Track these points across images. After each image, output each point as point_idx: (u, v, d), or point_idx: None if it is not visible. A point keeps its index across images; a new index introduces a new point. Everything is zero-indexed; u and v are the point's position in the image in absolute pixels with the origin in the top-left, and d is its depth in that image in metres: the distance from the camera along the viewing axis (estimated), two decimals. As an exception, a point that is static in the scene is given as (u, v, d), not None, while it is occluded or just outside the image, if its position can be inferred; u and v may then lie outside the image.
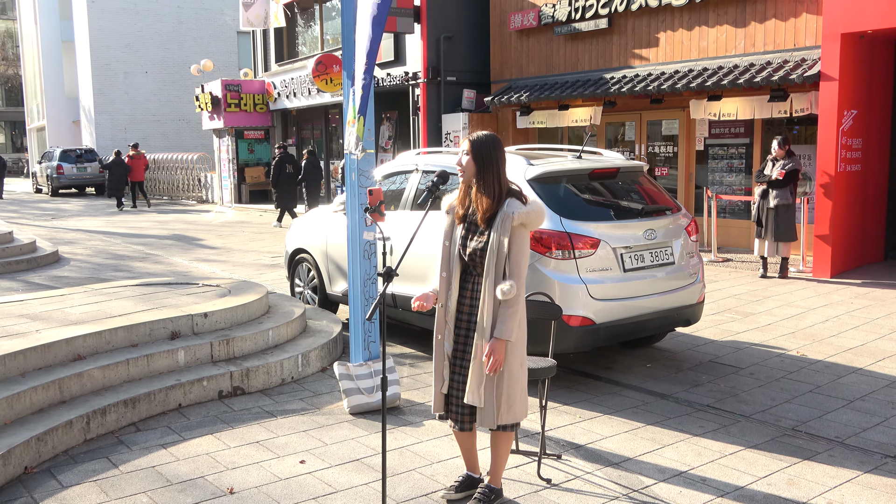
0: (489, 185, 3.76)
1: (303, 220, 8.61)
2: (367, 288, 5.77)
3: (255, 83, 24.90)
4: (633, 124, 14.91)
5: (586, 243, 5.79)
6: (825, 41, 10.67)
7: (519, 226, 3.71)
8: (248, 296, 7.00)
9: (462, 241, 3.83)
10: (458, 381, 3.86)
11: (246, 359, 6.23)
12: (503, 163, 3.80)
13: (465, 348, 3.83)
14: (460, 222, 3.87)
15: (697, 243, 6.67)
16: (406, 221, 6.75)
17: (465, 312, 3.85)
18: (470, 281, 3.85)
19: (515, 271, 3.72)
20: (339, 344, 7.13)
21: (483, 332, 3.74)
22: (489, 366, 3.71)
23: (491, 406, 3.78)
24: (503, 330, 3.71)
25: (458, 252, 3.84)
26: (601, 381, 6.30)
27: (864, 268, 11.40)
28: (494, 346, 3.71)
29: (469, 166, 3.79)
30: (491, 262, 3.70)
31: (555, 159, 6.53)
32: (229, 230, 18.21)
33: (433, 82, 17.10)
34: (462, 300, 3.86)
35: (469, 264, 3.83)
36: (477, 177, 3.78)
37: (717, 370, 6.53)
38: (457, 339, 3.86)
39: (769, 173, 10.49)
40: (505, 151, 3.89)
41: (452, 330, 3.87)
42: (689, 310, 6.43)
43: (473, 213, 3.84)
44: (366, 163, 5.70)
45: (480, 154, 3.77)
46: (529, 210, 3.73)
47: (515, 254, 3.72)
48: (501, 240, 3.69)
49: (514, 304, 3.72)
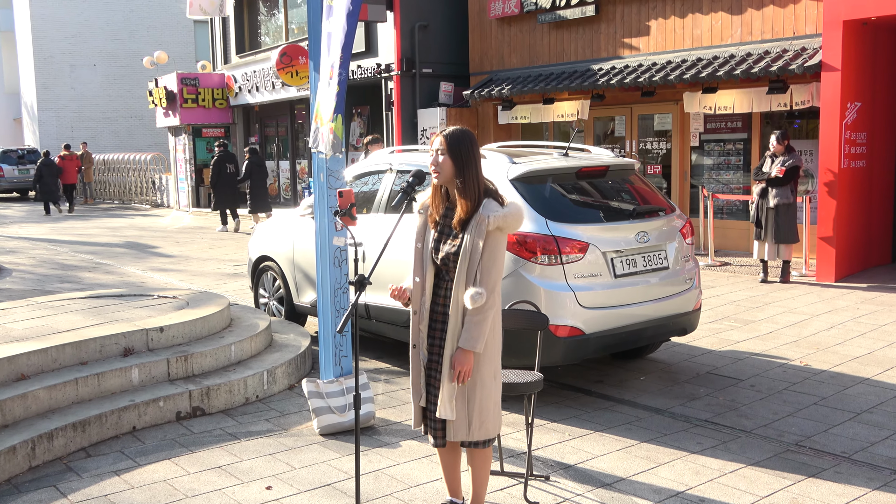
0: (470, 185, 3.75)
1: (267, 225, 8.58)
2: (337, 298, 5.76)
3: (213, 77, 24.79)
4: (623, 119, 15.01)
5: (574, 247, 5.82)
6: (826, 29, 10.81)
7: (495, 230, 3.71)
8: (208, 308, 6.96)
9: (435, 244, 3.84)
10: (433, 393, 3.87)
11: (206, 376, 6.19)
12: (479, 160, 3.82)
13: (440, 359, 3.84)
14: (434, 225, 3.87)
15: (693, 246, 6.72)
16: (379, 225, 6.75)
17: (439, 321, 3.86)
18: (443, 286, 3.85)
19: (485, 278, 3.71)
20: (308, 359, 7.11)
21: (454, 341, 3.75)
22: (454, 377, 3.73)
23: (463, 420, 3.80)
24: (467, 339, 3.71)
25: (430, 256, 3.85)
26: (592, 395, 6.33)
27: (871, 271, 11.54)
28: (459, 356, 3.72)
29: (446, 166, 3.77)
30: (463, 267, 3.71)
31: (539, 157, 6.55)
32: (187, 237, 18.09)
33: (407, 75, 17.12)
34: (435, 307, 3.87)
35: (442, 269, 3.84)
36: (455, 177, 3.77)
37: (715, 382, 6.58)
38: (431, 348, 3.87)
39: (768, 170, 10.58)
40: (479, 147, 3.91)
41: (426, 339, 3.87)
42: (684, 318, 6.48)
43: (447, 217, 3.84)
44: (335, 162, 5.69)
45: (458, 152, 3.76)
46: (507, 213, 3.72)
47: (487, 259, 3.72)
48: (476, 244, 3.70)
49: (482, 313, 3.72)
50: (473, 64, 16.96)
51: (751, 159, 13.10)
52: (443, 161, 3.78)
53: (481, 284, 3.71)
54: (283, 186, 24.41)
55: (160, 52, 26.45)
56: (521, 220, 3.77)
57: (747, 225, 12.86)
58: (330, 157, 5.57)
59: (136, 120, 37.51)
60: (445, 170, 3.77)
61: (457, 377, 3.73)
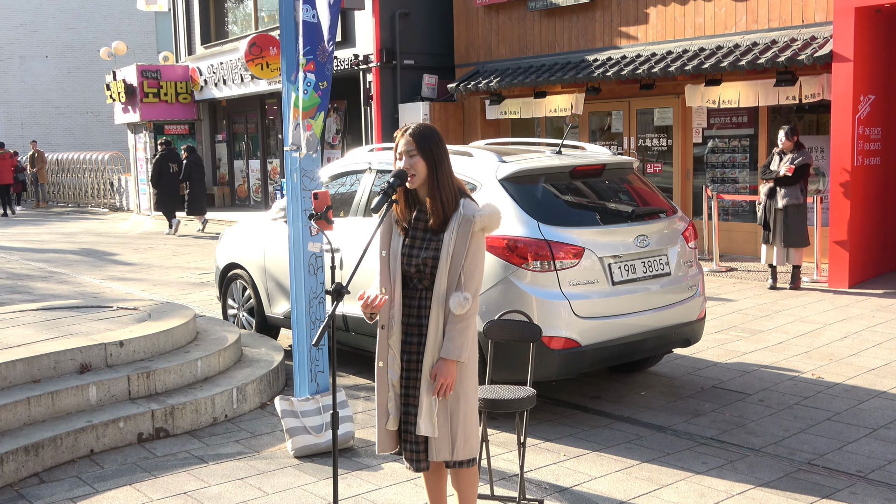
0: (445, 186, 3.78)
1: (236, 230, 8.56)
2: (313, 309, 5.76)
3: (177, 69, 24.72)
4: (620, 114, 15.07)
5: (568, 252, 5.84)
6: (837, 16, 10.90)
7: (479, 231, 3.76)
8: (172, 320, 6.94)
9: (406, 250, 3.84)
10: (412, 413, 3.86)
11: (170, 395, 6.17)
12: (449, 158, 3.88)
13: (418, 375, 3.84)
14: (403, 232, 3.88)
15: (696, 250, 6.75)
16: (358, 230, 6.75)
17: (415, 333, 3.85)
18: (416, 297, 3.85)
19: (469, 282, 3.74)
20: (282, 375, 7.10)
21: (434, 351, 3.76)
22: (437, 389, 3.73)
23: (446, 437, 3.80)
24: (451, 349, 3.73)
25: (399, 264, 3.85)
26: (588, 412, 6.35)
27: (887, 276, 11.63)
28: (441, 367, 3.73)
29: (419, 167, 3.79)
30: (445, 271, 3.73)
31: (531, 155, 6.57)
32: (148, 243, 18.03)
33: (388, 67, 17.14)
34: (409, 319, 3.87)
35: (414, 277, 3.84)
36: (429, 180, 3.80)
37: (721, 397, 6.61)
38: (408, 363, 3.86)
39: (776, 169, 10.64)
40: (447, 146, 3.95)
41: (398, 355, 3.87)
42: (688, 328, 6.50)
43: (418, 220, 3.85)
44: (310, 162, 5.69)
45: (430, 151, 3.79)
46: (491, 212, 3.78)
47: (471, 262, 3.75)
48: (461, 245, 3.72)
49: (465, 320, 3.75)
50: (459, 55, 16.99)
51: (758, 157, 13.19)
52: (416, 163, 3.79)
53: (465, 289, 3.73)
54: (254, 188, 24.37)
55: (118, 43, 26.36)
56: (501, 221, 3.84)
57: (754, 227, 12.94)
58: (304, 156, 5.57)
59: (92, 116, 37.34)
60: (420, 171, 3.79)
61: (438, 390, 3.74)
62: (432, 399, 3.78)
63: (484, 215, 3.76)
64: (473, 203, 3.81)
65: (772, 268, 10.99)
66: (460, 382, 3.81)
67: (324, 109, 5.29)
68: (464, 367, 3.81)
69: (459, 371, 3.80)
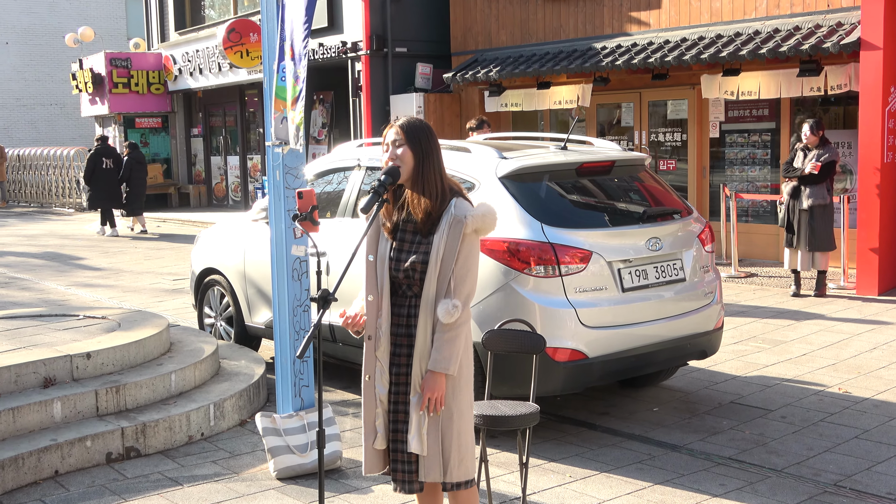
0: (431, 182, 3.80)
1: (213, 233, 8.56)
2: (297, 317, 5.76)
3: (149, 57, 24.71)
4: (630, 106, 15.10)
5: (575, 256, 5.85)
6: (866, 0, 10.92)
7: (472, 232, 3.77)
8: (144, 330, 6.94)
9: (395, 254, 3.85)
10: (402, 430, 3.86)
11: (142, 411, 6.16)
12: (440, 153, 3.89)
13: (409, 388, 3.84)
14: (389, 233, 3.89)
15: (713, 254, 6.77)
16: (346, 232, 6.76)
17: (404, 344, 3.86)
18: (406, 304, 3.86)
19: (460, 288, 3.75)
20: (263, 390, 7.09)
21: (422, 365, 3.77)
22: (423, 404, 3.73)
23: (436, 457, 3.80)
24: (438, 360, 3.73)
25: (387, 269, 3.85)
26: (596, 430, 6.35)
27: (920, 282, 11.64)
28: (429, 380, 3.74)
29: (406, 159, 3.81)
30: (433, 275, 3.73)
31: (534, 151, 6.58)
32: (118, 246, 18.01)
33: (378, 55, 17.15)
34: (397, 329, 3.87)
35: (403, 283, 3.84)
36: (415, 173, 3.81)
37: (740, 413, 6.62)
38: (397, 377, 3.86)
39: (800, 166, 10.65)
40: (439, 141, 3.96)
41: (387, 368, 3.87)
42: (704, 338, 6.51)
43: (407, 221, 3.86)
44: (294, 158, 5.70)
45: (418, 143, 3.81)
46: (485, 213, 3.78)
47: (462, 267, 3.76)
48: (451, 248, 3.73)
49: (454, 329, 3.75)
50: (456, 42, 17.01)
51: (780, 153, 13.21)
52: (402, 153, 3.81)
53: (455, 295, 3.73)
54: (232, 186, 24.36)
55: (85, 28, 26.35)
56: (496, 221, 3.84)
57: (776, 229, 12.95)
58: (287, 151, 5.58)
59: (56, 108, 37.29)
60: (406, 163, 3.81)
61: (426, 405, 3.74)
62: (420, 414, 3.78)
63: (477, 216, 3.76)
64: (466, 202, 3.82)
65: (795, 273, 11.00)
66: (452, 397, 3.81)
67: (304, 99, 5.29)
68: (456, 381, 3.82)
69: (451, 385, 3.80)
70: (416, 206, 3.80)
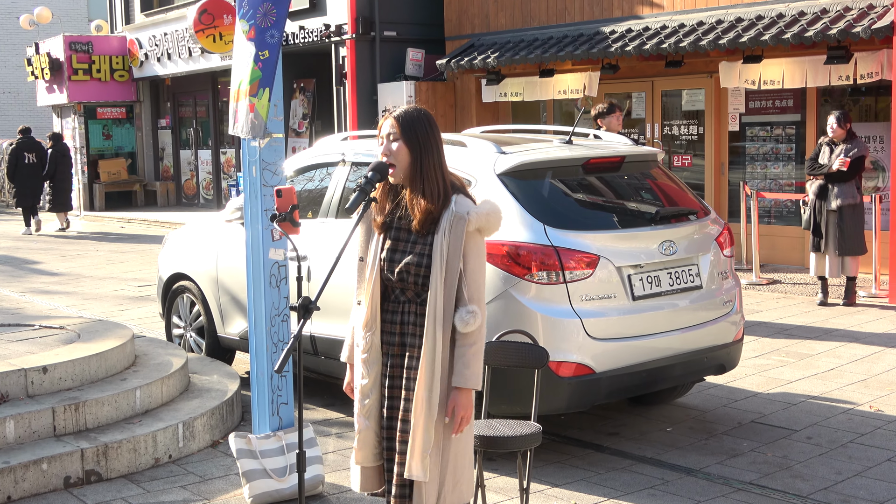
0: (430, 178, 3.79)
1: (183, 234, 8.54)
2: (275, 328, 5.75)
3: (112, 41, 24.68)
4: (642, 96, 15.12)
5: (581, 261, 5.85)
6: (900, -18, 10.95)
7: (475, 231, 3.77)
8: (106, 341, 6.92)
9: (388, 254, 3.84)
10: (395, 448, 3.86)
11: (104, 431, 6.14)
12: (442, 147, 3.87)
13: (405, 403, 3.83)
14: (381, 232, 3.88)
15: (733, 259, 6.78)
16: (329, 233, 6.75)
17: (397, 354, 3.85)
18: (399, 311, 3.85)
19: (476, 293, 3.76)
20: (237, 408, 7.08)
21: (432, 379, 3.74)
22: (457, 426, 3.72)
23: (434, 480, 3.80)
24: (468, 376, 3.72)
25: (378, 270, 3.85)
26: (604, 452, 6.36)
27: (958, 290, 11.66)
28: (459, 398, 3.72)
29: (401, 154, 3.80)
30: (438, 283, 3.72)
31: (536, 145, 6.58)
32: (77, 249, 17.97)
33: (365, 39, 17.15)
34: (389, 337, 3.86)
35: (396, 287, 3.84)
36: (412, 168, 3.80)
37: (762, 434, 6.63)
38: (391, 390, 3.86)
39: (827, 162, 10.65)
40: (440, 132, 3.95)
41: (378, 379, 3.87)
42: (722, 351, 6.52)
43: (402, 218, 3.85)
44: (271, 153, 5.69)
45: (415, 135, 3.80)
46: (489, 211, 3.78)
47: (474, 269, 3.77)
48: (455, 248, 3.72)
49: (478, 340, 3.76)
50: (450, 25, 17.02)
51: (805, 147, 13.23)
52: (397, 148, 3.80)
53: (471, 301, 3.73)
54: (204, 183, 24.34)
55: (42, 9, 26.29)
56: (502, 220, 3.84)
57: (801, 232, 12.96)
58: (265, 145, 5.57)
59: (10, 96, 37.22)
60: (401, 160, 3.80)
61: (459, 425, 3.73)
62: (428, 436, 3.75)
63: (481, 213, 3.76)
64: (468, 200, 3.81)
65: (822, 280, 11.01)
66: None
67: (268, 85, 5.27)
68: None
69: None
70: (415, 207, 3.80)
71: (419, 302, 3.81)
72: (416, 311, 3.82)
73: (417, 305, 3.82)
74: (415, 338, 3.82)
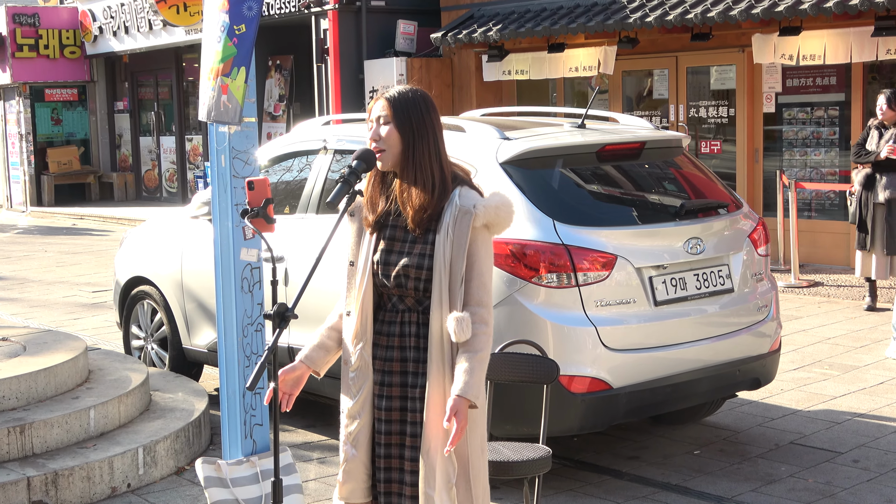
0: (423, 167, 3.75)
1: (142, 233, 8.53)
2: (247, 339, 5.74)
3: (61, 12, 24.66)
4: (665, 74, 15.11)
5: (595, 262, 5.85)
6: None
7: (482, 227, 3.73)
8: (56, 355, 6.91)
9: (383, 256, 3.81)
10: (393, 477, 3.85)
11: (53, 456, 6.13)
12: (441, 133, 3.83)
13: (413, 428, 3.81)
14: (374, 230, 3.85)
15: (768, 259, 6.77)
16: (309, 232, 6.75)
17: (396, 372, 3.82)
18: (397, 321, 3.82)
19: (484, 297, 3.73)
20: (205, 429, 7.08)
21: (444, 398, 3.72)
22: (453, 436, 3.66)
23: None
24: (472, 385, 3.67)
25: (370, 275, 3.82)
26: (623, 478, 6.35)
27: None
28: (461, 407, 3.67)
29: (392, 140, 3.76)
30: (441, 288, 3.69)
31: (544, 130, 6.58)
32: (23, 249, 17.96)
33: (349, 10, 17.14)
34: (386, 352, 3.84)
35: (394, 293, 3.81)
36: (403, 158, 3.77)
37: (802, 457, 6.63)
38: (388, 413, 3.84)
39: (874, 148, 10.64)
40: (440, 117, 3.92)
41: (370, 400, 3.85)
42: (757, 363, 6.52)
43: (397, 215, 3.82)
44: (243, 139, 5.68)
45: (409, 119, 3.76)
46: (499, 204, 3.74)
47: (481, 271, 3.74)
48: (458, 250, 3.69)
49: (484, 347, 3.72)
50: (446, -7, 17.03)
51: (850, 131, 13.23)
52: (387, 134, 3.76)
53: (479, 304, 3.70)
54: (167, 174, 24.33)
55: (-18, -23, 26.28)
56: (513, 215, 3.80)
57: (847, 227, 12.96)
58: (235, 130, 5.56)
59: (-54, 77, 37.22)
60: (392, 146, 3.76)
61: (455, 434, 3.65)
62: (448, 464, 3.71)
63: (489, 207, 3.71)
64: (473, 192, 3.77)
65: (870, 282, 11.01)
66: (472, 431, 3.78)
67: (244, 64, 5.26)
68: (476, 417, 3.79)
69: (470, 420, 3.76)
70: (406, 201, 3.75)
71: (421, 310, 3.77)
72: (419, 320, 3.78)
73: (420, 314, 3.78)
74: (418, 351, 3.78)
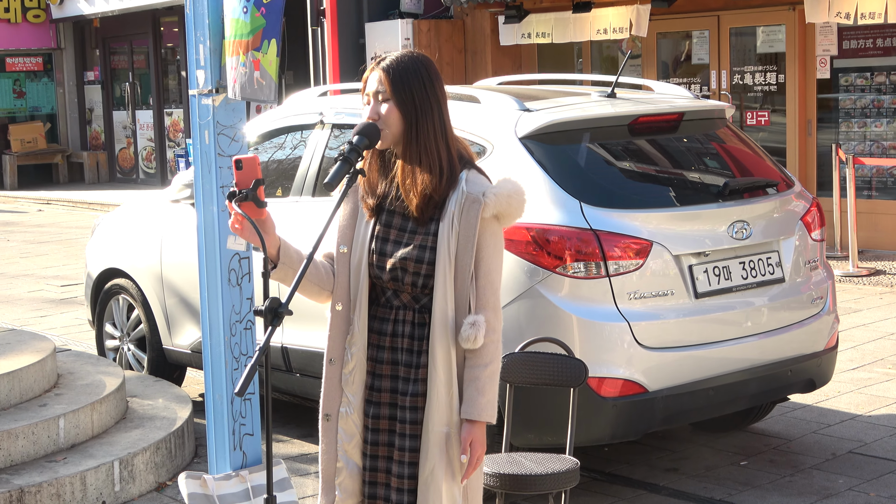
0: (429, 148, 3.72)
1: (118, 220, 8.54)
2: (235, 338, 5.74)
3: (24, -29, 24.70)
4: (705, 35, 15.07)
5: (628, 249, 5.84)
6: None
7: (492, 218, 3.71)
8: (20, 357, 6.93)
9: (378, 245, 3.80)
10: (378, 493, 3.85)
11: (18, 471, 6.15)
12: (447, 106, 3.81)
13: (403, 442, 3.81)
14: (372, 215, 3.84)
15: (823, 244, 6.75)
16: (304, 216, 6.74)
17: (387, 375, 3.82)
18: (390, 318, 3.81)
19: (491, 298, 3.72)
20: (189, 440, 7.09)
21: (450, 412, 3.71)
22: (472, 467, 3.67)
23: None
24: (483, 405, 3.66)
25: (366, 265, 3.81)
26: (660, 492, 6.35)
27: None
28: (476, 434, 3.67)
29: (391, 118, 3.74)
30: (446, 284, 3.68)
31: (569, 100, 6.56)
32: (-17, 238, 18.02)
33: (348, -34, 17.14)
34: (378, 352, 3.83)
35: (388, 287, 3.81)
36: (405, 138, 3.75)
37: (863, 468, 6.62)
38: (375, 421, 3.83)
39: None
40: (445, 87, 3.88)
41: (360, 406, 3.85)
42: (811, 363, 6.51)
43: (397, 198, 3.81)
44: (229, 113, 5.68)
45: (410, 93, 3.71)
46: (511, 192, 3.71)
47: (489, 269, 3.73)
48: (465, 243, 3.68)
49: (494, 358, 3.71)
50: (457, -53, 17.01)
51: (916, 100, 13.21)
52: (387, 112, 3.73)
53: (482, 308, 3.69)
54: (144, 153, 24.36)
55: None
56: (525, 205, 3.77)
57: (912, 208, 12.97)
58: (220, 102, 5.56)
59: None
60: (392, 125, 3.73)
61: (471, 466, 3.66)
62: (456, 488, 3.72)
63: (500, 195, 3.69)
64: (482, 176, 3.76)
65: (939, 270, 11.01)
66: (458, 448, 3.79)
67: (275, 36, 5.22)
68: None
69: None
70: (408, 186, 3.72)
71: (417, 309, 3.76)
72: (414, 319, 3.77)
73: (415, 313, 3.77)
74: (411, 355, 3.77)
